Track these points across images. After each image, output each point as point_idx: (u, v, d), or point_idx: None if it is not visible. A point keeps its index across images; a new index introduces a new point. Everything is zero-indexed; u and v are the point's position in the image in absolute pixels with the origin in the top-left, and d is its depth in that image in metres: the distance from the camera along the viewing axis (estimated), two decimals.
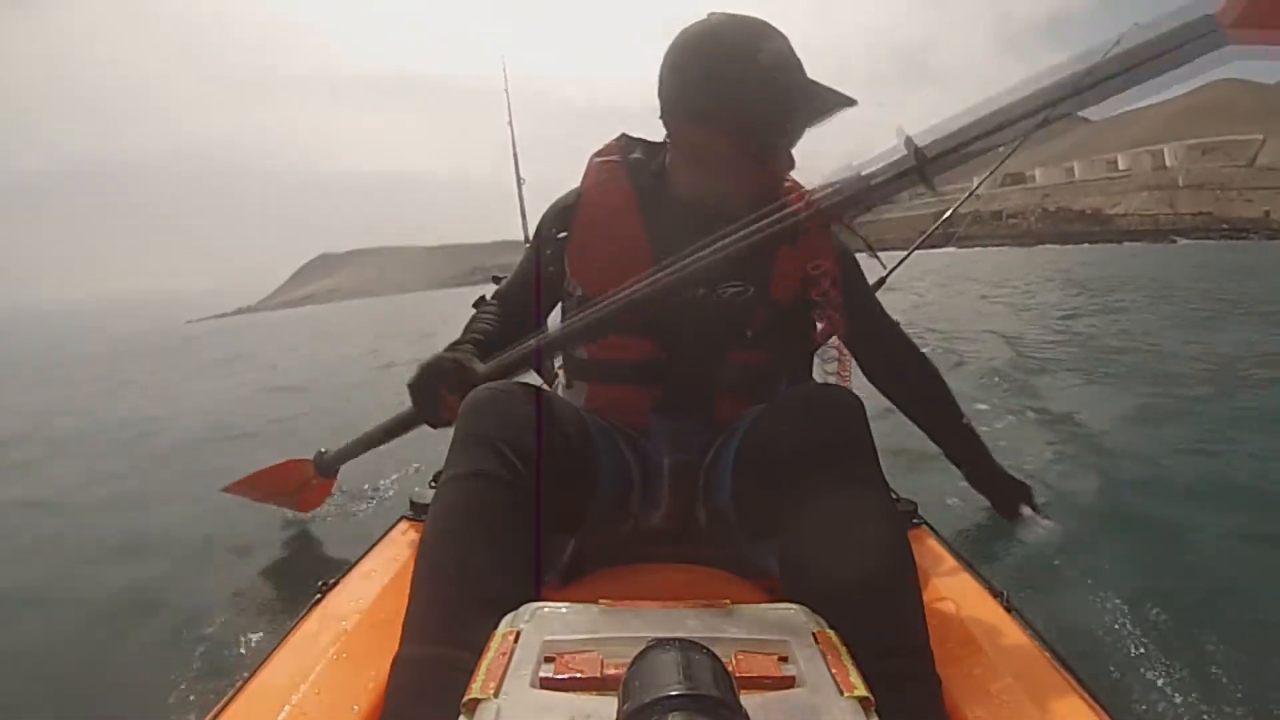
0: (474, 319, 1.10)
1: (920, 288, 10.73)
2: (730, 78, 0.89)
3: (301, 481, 1.63)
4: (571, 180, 1.06)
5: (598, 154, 1.04)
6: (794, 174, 0.99)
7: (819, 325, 0.99)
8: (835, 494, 0.73)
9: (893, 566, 0.71)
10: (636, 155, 1.03)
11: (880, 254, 1.07)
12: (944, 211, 1.67)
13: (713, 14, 0.93)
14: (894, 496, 1.18)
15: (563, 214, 1.02)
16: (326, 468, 1.55)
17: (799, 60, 0.91)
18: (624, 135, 1.05)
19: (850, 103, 0.90)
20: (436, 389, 0.93)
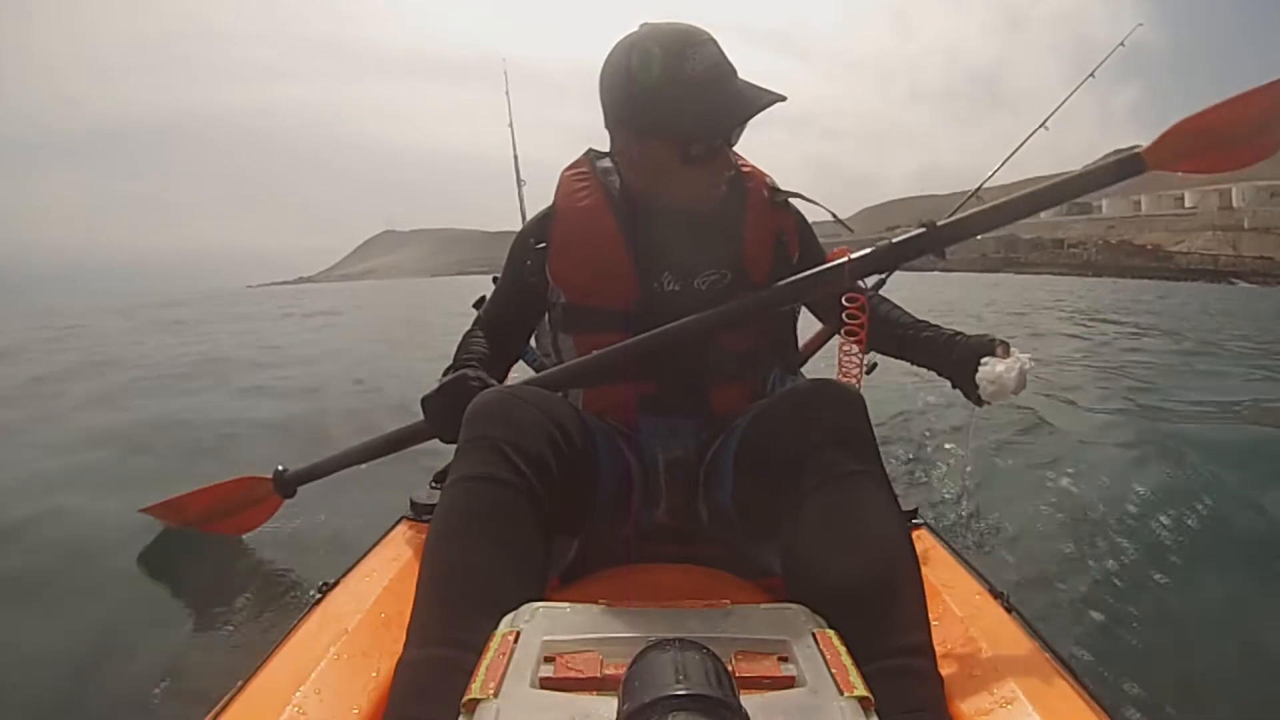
0: (467, 343, 1.10)
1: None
2: (660, 90, 0.91)
3: (250, 501, 1.45)
4: None
5: (568, 168, 1.08)
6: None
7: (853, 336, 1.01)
8: (838, 490, 0.73)
9: (896, 563, 0.71)
10: (605, 164, 1.06)
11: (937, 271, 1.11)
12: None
13: (644, 25, 0.96)
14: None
15: (540, 226, 1.05)
16: (286, 486, 1.38)
17: (729, 64, 0.93)
18: (591, 149, 1.08)
19: (780, 99, 0.93)
20: (461, 408, 0.88)
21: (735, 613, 0.59)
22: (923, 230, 0.96)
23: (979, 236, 1.00)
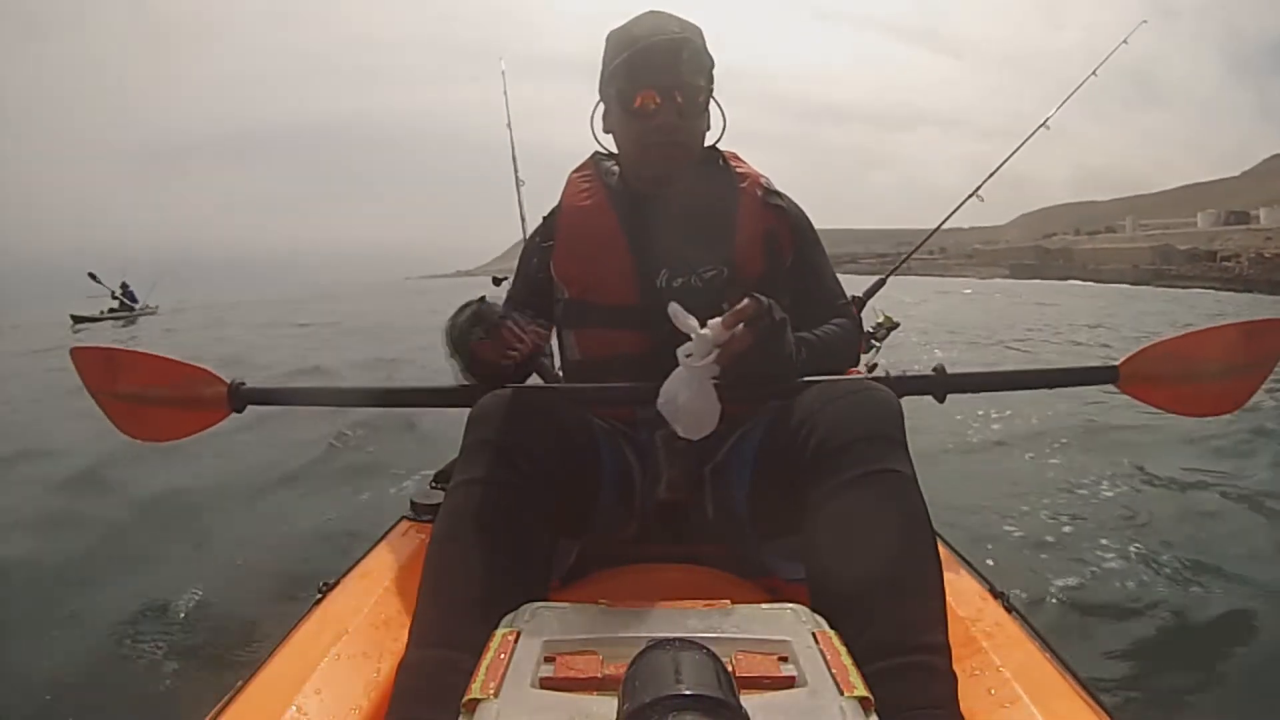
0: None
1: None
2: (609, 48, 1.00)
3: (196, 397, 1.23)
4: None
5: (575, 170, 1.11)
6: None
7: None
8: (868, 486, 0.73)
9: (921, 562, 0.71)
10: (610, 165, 1.09)
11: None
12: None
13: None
14: None
15: (547, 224, 1.08)
16: (239, 400, 1.21)
17: (681, 35, 0.97)
18: (596, 153, 1.11)
19: (708, 62, 0.99)
20: (486, 328, 0.89)
21: (735, 613, 0.59)
22: (934, 374, 1.06)
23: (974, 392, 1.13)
